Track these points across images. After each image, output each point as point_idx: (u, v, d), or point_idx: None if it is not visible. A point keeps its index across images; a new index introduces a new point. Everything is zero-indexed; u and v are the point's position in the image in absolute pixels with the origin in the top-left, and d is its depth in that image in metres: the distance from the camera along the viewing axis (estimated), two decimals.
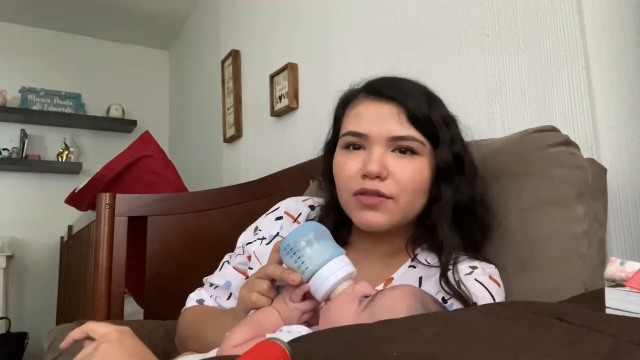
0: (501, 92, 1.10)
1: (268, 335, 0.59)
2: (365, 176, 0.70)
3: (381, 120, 0.72)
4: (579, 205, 0.76)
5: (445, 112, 0.76)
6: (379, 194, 0.70)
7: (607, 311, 0.46)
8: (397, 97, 0.72)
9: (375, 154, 0.71)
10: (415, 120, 0.71)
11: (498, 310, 0.51)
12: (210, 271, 0.92)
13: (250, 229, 0.90)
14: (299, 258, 0.63)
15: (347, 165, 0.73)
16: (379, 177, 0.70)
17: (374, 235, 0.77)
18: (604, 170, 0.84)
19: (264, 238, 0.85)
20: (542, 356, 0.37)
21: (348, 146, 0.75)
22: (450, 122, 0.75)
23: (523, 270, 0.75)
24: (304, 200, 0.90)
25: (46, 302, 3.15)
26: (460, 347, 0.40)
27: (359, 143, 0.73)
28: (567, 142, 0.80)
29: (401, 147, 0.71)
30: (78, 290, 2.20)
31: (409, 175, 0.70)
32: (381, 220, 0.71)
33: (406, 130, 0.71)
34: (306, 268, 0.62)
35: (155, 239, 1.60)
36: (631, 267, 0.48)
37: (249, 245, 0.86)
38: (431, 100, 0.74)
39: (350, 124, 0.75)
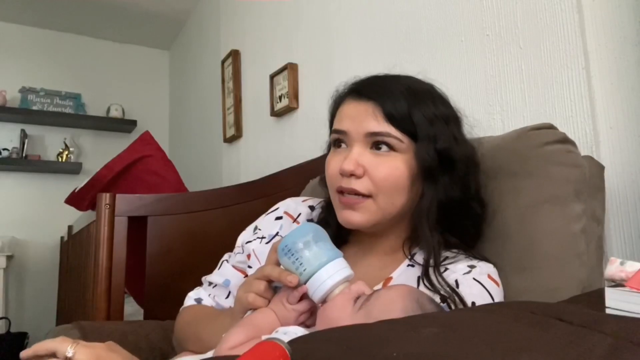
0: (501, 92, 1.10)
1: (264, 337, 0.59)
2: (342, 175, 0.72)
3: (360, 118, 0.73)
4: (577, 203, 0.76)
5: (433, 109, 0.74)
6: (355, 193, 0.71)
7: (607, 311, 0.46)
8: (374, 97, 0.73)
9: (352, 152, 0.72)
10: (391, 117, 0.72)
11: (498, 310, 0.51)
12: (210, 271, 0.92)
13: (249, 228, 0.90)
14: (297, 259, 0.63)
15: (331, 164, 0.76)
16: (354, 175, 0.71)
17: (372, 234, 0.78)
18: (601, 168, 0.84)
19: (263, 237, 0.85)
20: (542, 356, 0.37)
21: (335, 144, 0.77)
22: (436, 119, 0.73)
23: (521, 269, 0.75)
24: (303, 201, 0.91)
25: (46, 302, 3.15)
26: (460, 347, 0.40)
27: (342, 140, 0.76)
28: (565, 140, 0.80)
29: (378, 143, 0.72)
30: (78, 290, 2.20)
31: (384, 173, 0.71)
32: (359, 220, 0.72)
33: (382, 126, 0.72)
34: (304, 270, 0.62)
35: (155, 239, 1.60)
36: (631, 267, 0.48)
37: (248, 244, 0.86)
38: (415, 98, 0.73)
39: (336, 122, 0.78)
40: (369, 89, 0.75)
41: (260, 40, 2.28)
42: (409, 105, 0.72)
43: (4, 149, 3.20)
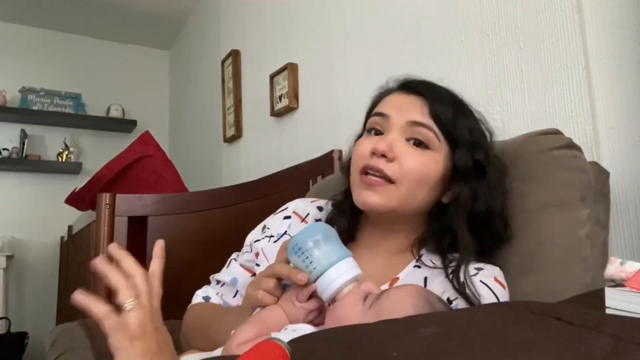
0: (501, 92, 1.10)
1: (273, 334, 0.59)
2: (373, 154, 0.72)
3: (405, 107, 0.75)
4: (583, 208, 0.76)
5: (475, 124, 0.77)
6: (381, 173, 0.71)
7: (607, 311, 0.46)
8: (424, 93, 0.75)
9: (389, 136, 0.73)
10: (436, 116, 0.73)
11: (498, 310, 0.52)
12: (211, 271, 0.92)
13: (258, 227, 0.90)
14: (307, 258, 0.63)
15: (362, 144, 0.76)
16: (385, 156, 0.71)
17: (380, 229, 0.78)
18: (606, 174, 0.84)
19: (272, 236, 0.85)
20: (542, 356, 0.37)
21: (370, 130, 0.78)
22: (476, 132, 0.76)
23: (526, 272, 0.75)
24: (312, 202, 0.91)
25: (46, 302, 3.15)
26: (460, 347, 0.40)
27: (380, 124, 0.76)
28: (571, 145, 0.81)
29: (416, 138, 0.73)
30: (78, 290, 2.19)
31: (414, 164, 0.71)
32: (377, 201, 0.72)
33: (425, 119, 0.73)
34: (314, 268, 0.63)
35: (155, 239, 1.59)
36: (631, 267, 0.48)
37: (256, 242, 0.86)
38: (460, 109, 0.76)
39: (378, 107, 0.79)
40: (419, 86, 0.77)
41: (260, 40, 2.28)
42: (454, 112, 0.74)
43: (4, 149, 3.20)
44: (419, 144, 0.73)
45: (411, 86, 0.78)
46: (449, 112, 0.74)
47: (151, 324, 0.53)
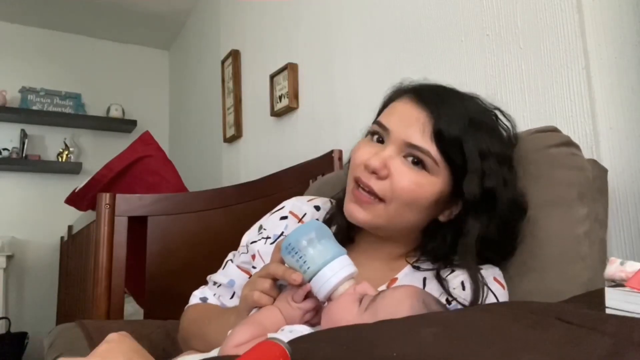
0: (501, 92, 1.10)
1: (269, 335, 0.59)
2: (367, 168, 0.71)
3: (407, 122, 0.70)
4: (581, 206, 0.76)
5: (489, 145, 0.70)
6: (370, 190, 0.70)
7: (607, 311, 0.46)
8: (432, 107, 0.70)
9: (385, 151, 0.70)
10: (439, 136, 0.68)
11: (498, 310, 0.52)
12: (211, 271, 0.91)
13: (254, 227, 0.89)
14: (300, 258, 0.63)
15: (360, 152, 0.73)
16: (376, 173, 0.70)
17: (377, 237, 0.78)
18: (604, 171, 0.84)
19: (268, 237, 0.84)
20: (542, 356, 0.37)
21: (372, 135, 0.75)
22: (490, 155, 0.70)
23: (525, 271, 0.75)
24: (309, 200, 0.90)
25: (46, 302, 3.15)
26: (460, 347, 0.40)
27: (381, 135, 0.73)
28: (569, 143, 0.80)
29: (414, 157, 0.70)
30: (78, 290, 2.20)
31: (407, 185, 0.69)
32: (362, 217, 0.71)
33: (424, 142, 0.69)
34: (308, 268, 0.62)
35: (155, 239, 1.60)
36: (631, 267, 0.48)
37: (253, 244, 0.85)
38: (474, 127, 0.70)
39: (383, 116, 0.75)
40: (429, 97, 0.72)
41: (260, 40, 2.28)
42: (464, 131, 0.69)
43: (4, 149, 3.20)
44: (418, 162, 0.69)
45: (422, 95, 0.72)
46: (456, 132, 0.68)
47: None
